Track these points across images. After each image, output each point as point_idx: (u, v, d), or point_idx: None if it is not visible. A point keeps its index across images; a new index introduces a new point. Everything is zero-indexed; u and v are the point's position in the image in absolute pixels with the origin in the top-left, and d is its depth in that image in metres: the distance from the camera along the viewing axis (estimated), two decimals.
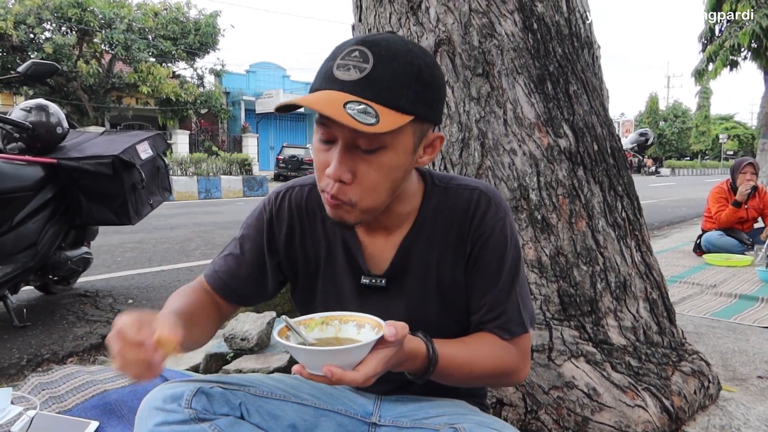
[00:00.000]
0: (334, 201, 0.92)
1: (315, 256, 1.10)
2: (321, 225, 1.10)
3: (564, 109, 1.77)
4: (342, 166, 0.88)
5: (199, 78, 24.12)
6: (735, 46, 9.90)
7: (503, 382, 1.10)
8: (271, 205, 1.12)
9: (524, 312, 1.05)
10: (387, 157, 0.90)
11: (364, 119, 0.82)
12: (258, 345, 2.14)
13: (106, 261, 4.92)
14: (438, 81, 0.93)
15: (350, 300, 1.08)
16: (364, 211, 0.94)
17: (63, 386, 1.73)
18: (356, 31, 2.04)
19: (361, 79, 0.85)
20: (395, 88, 0.86)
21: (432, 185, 1.07)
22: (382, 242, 1.06)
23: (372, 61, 0.86)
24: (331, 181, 0.90)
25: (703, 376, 1.77)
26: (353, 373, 0.79)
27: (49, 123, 3.07)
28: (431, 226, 1.05)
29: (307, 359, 0.80)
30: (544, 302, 1.69)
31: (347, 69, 0.86)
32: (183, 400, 0.96)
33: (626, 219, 1.84)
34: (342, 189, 0.90)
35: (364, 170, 0.90)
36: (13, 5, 18.73)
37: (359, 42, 0.88)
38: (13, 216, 2.79)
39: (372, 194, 0.92)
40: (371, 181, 0.91)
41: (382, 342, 0.81)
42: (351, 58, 0.86)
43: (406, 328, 0.84)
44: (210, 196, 14.16)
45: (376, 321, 0.88)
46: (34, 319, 3.17)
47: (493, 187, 1.10)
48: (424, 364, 0.91)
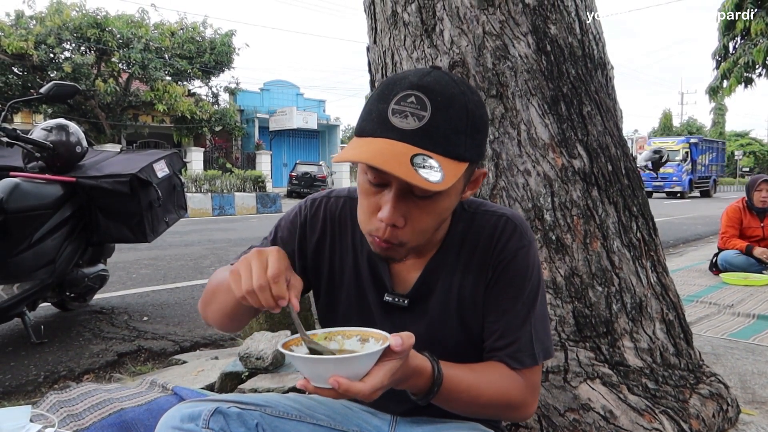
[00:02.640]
0: (386, 245, 0.94)
1: (341, 267, 1.12)
2: (350, 238, 1.11)
3: (578, 129, 1.78)
4: (396, 212, 0.89)
5: (214, 96, 24.45)
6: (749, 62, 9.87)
7: (509, 416, 1.07)
8: (307, 210, 1.14)
9: (537, 344, 1.03)
10: (440, 202, 0.92)
11: (430, 175, 0.83)
12: (273, 364, 2.15)
13: (121, 278, 4.97)
14: (485, 120, 0.94)
15: (372, 315, 1.09)
16: (412, 249, 0.98)
17: (81, 404, 1.75)
18: (371, 52, 2.07)
19: (420, 129, 0.84)
20: (453, 136, 0.87)
21: (461, 210, 1.08)
22: (410, 263, 1.08)
23: (430, 109, 0.85)
24: (382, 225, 0.91)
25: (721, 399, 1.75)
26: (360, 384, 0.78)
27: (69, 142, 3.13)
28: (457, 249, 1.06)
29: (311, 370, 0.79)
30: (559, 323, 1.68)
31: (404, 116, 0.85)
32: (201, 420, 0.97)
33: (641, 239, 1.84)
34: (394, 233, 0.92)
35: (416, 215, 0.91)
36: (35, 26, 19.17)
37: (414, 87, 0.86)
38: (32, 233, 2.84)
39: (422, 235, 0.95)
40: (424, 225, 0.93)
41: (388, 353, 0.81)
42: (407, 104, 0.85)
43: (412, 338, 0.83)
44: (224, 213, 14.26)
45: (381, 334, 0.87)
46: (51, 335, 3.21)
47: (521, 217, 1.11)
48: (428, 383, 0.90)
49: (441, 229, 1.05)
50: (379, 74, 2.00)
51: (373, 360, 0.80)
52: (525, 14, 1.78)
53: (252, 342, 2.22)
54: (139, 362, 2.91)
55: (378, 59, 1.99)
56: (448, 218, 1.07)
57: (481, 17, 1.77)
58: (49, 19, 18.99)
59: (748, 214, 5.01)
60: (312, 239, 1.13)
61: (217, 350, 3.04)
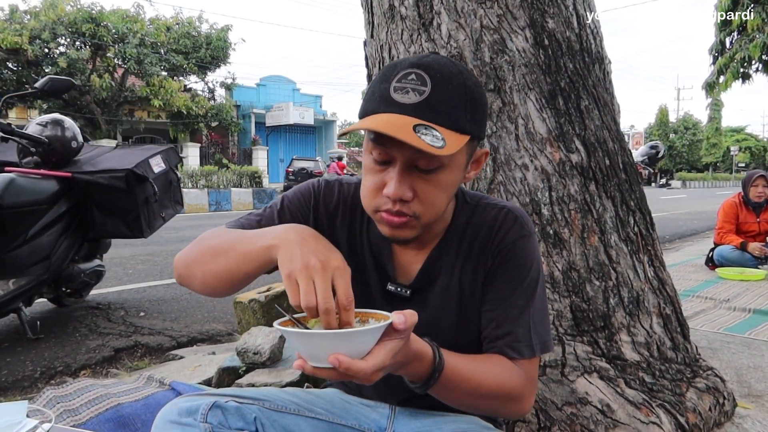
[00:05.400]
0: (399, 218, 0.93)
1: (350, 253, 1.11)
2: (359, 225, 1.12)
3: (575, 124, 1.78)
4: (402, 185, 0.90)
5: (210, 91, 24.34)
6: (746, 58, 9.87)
7: (507, 409, 1.04)
8: (321, 187, 1.14)
9: (534, 335, 1.02)
10: (444, 175, 0.93)
11: (433, 142, 0.85)
12: (270, 359, 2.15)
13: (117, 273, 4.95)
14: (484, 100, 0.96)
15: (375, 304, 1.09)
16: (424, 226, 0.97)
17: (77, 399, 1.74)
18: (368, 47, 2.06)
19: (422, 102, 0.87)
20: (453, 110, 0.89)
21: (463, 202, 1.09)
22: (412, 254, 1.09)
23: (430, 85, 0.88)
24: (388, 200, 0.92)
25: (718, 393, 1.76)
26: (362, 363, 0.75)
27: (64, 137, 3.12)
28: (458, 241, 1.07)
29: (310, 346, 0.75)
30: (557, 317, 1.68)
31: (405, 92, 0.88)
32: (198, 414, 0.97)
33: (639, 234, 1.84)
34: (405, 204, 0.92)
35: (422, 188, 0.92)
36: (29, 21, 19.04)
37: (413, 65, 0.90)
38: (28, 229, 2.83)
39: (432, 209, 0.95)
40: (431, 198, 0.94)
41: (389, 333, 0.79)
42: (408, 81, 0.88)
43: (415, 316, 0.81)
44: (220, 209, 14.23)
45: (381, 314, 0.84)
46: (47, 331, 3.20)
47: (522, 209, 1.10)
48: (428, 369, 0.89)
49: (443, 220, 1.06)
50: (377, 69, 1.99)
51: (376, 336, 0.77)
52: (522, 8, 1.77)
53: (249, 337, 2.21)
54: (136, 358, 2.90)
55: (375, 53, 1.99)
56: (452, 206, 1.07)
57: (479, 11, 1.76)
58: (44, 14, 18.86)
59: (744, 210, 5.03)
60: (324, 214, 1.12)
61: (214, 345, 3.04)
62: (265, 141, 27.37)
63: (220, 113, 23.19)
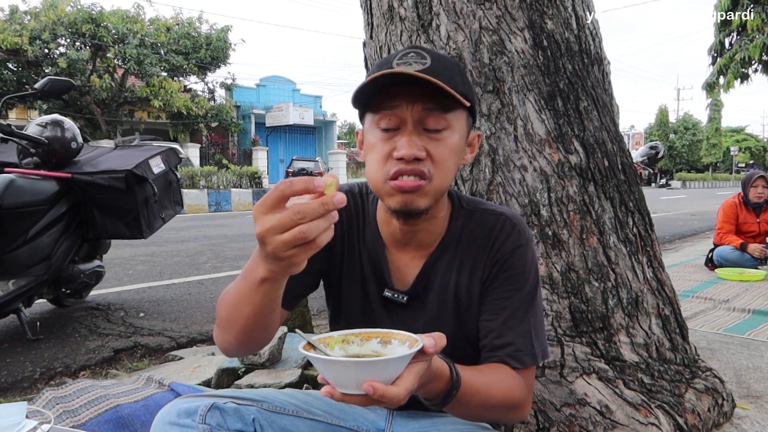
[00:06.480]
0: (413, 181, 0.94)
1: (349, 260, 1.13)
2: (356, 232, 1.13)
3: (574, 125, 1.78)
4: (414, 144, 0.93)
5: (210, 92, 24.33)
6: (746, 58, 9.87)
7: (509, 417, 1.05)
8: None
9: (536, 343, 1.03)
10: (451, 137, 0.97)
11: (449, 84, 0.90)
12: (270, 360, 2.15)
13: (117, 274, 4.95)
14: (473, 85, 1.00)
15: (373, 311, 1.10)
16: (436, 192, 0.98)
17: (77, 400, 1.75)
18: (367, 48, 2.06)
19: (425, 69, 0.93)
20: (453, 77, 0.95)
21: (459, 207, 1.09)
22: (408, 259, 1.09)
23: (429, 58, 0.95)
24: (399, 163, 0.93)
25: (717, 394, 1.76)
26: (395, 389, 0.72)
27: (64, 138, 3.12)
28: (455, 247, 1.07)
29: (340, 374, 0.72)
30: (556, 318, 1.68)
31: (409, 64, 0.94)
32: (197, 416, 0.97)
33: (637, 235, 1.84)
34: (421, 163, 0.94)
35: (433, 147, 0.95)
36: (29, 21, 19.04)
37: (412, 48, 0.98)
38: (27, 230, 2.83)
39: (443, 171, 0.97)
40: (442, 158, 0.96)
41: (417, 355, 0.76)
42: (409, 58, 0.95)
43: (444, 339, 0.79)
44: (220, 209, 14.24)
45: (405, 335, 0.82)
46: (47, 332, 3.20)
47: (520, 216, 1.11)
48: (446, 387, 0.87)
49: (440, 225, 1.06)
50: None
51: (406, 362, 0.75)
52: (522, 9, 1.77)
53: None
54: (136, 358, 2.90)
55: (374, 54, 1.99)
56: (448, 211, 1.07)
57: (478, 12, 1.76)
58: (44, 15, 18.85)
59: (744, 210, 5.03)
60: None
61: (213, 346, 3.04)
62: (265, 141, 27.36)
63: (220, 114, 23.19)
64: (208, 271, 5.23)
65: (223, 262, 5.74)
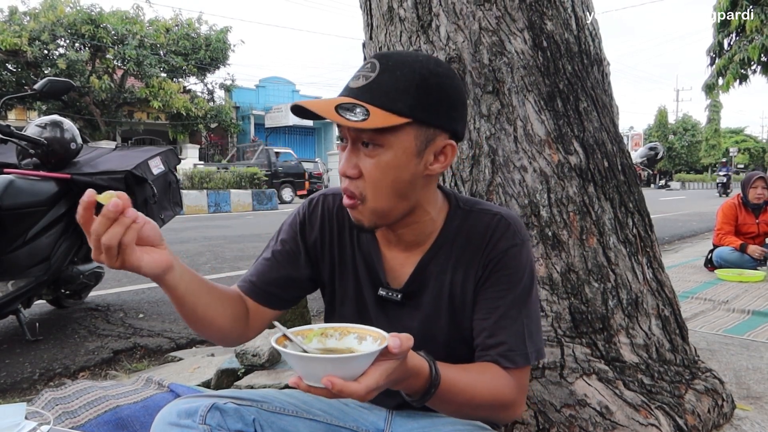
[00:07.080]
0: (348, 199, 0.98)
1: (341, 262, 1.14)
2: (348, 233, 1.14)
3: (574, 126, 1.78)
4: (348, 162, 0.97)
5: (209, 93, 24.37)
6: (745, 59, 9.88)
7: (499, 416, 1.06)
8: (305, 209, 1.18)
9: (530, 343, 1.02)
10: (386, 155, 0.95)
11: (348, 116, 0.91)
12: (269, 361, 2.15)
13: (116, 275, 4.95)
14: (445, 90, 0.97)
15: (368, 309, 1.11)
16: (373, 212, 0.99)
17: (76, 401, 1.74)
18: (367, 48, 2.06)
19: (365, 86, 0.94)
20: (393, 93, 0.93)
21: (456, 207, 1.09)
22: (403, 258, 1.09)
23: (378, 71, 0.95)
24: (345, 180, 0.98)
25: (716, 395, 1.76)
26: (355, 385, 0.76)
27: (63, 139, 3.11)
28: (450, 246, 1.07)
29: (305, 368, 0.77)
30: (556, 319, 1.68)
31: (358, 78, 0.96)
32: (197, 416, 0.97)
33: (637, 235, 1.84)
34: (352, 183, 0.97)
35: (365, 165, 0.96)
36: (28, 22, 19.05)
37: (375, 56, 0.98)
38: (27, 231, 2.83)
39: (376, 192, 0.97)
40: (373, 178, 0.96)
41: (385, 354, 0.78)
42: (363, 69, 0.97)
43: (411, 340, 0.81)
44: (219, 210, 14.22)
45: (378, 333, 0.85)
46: (46, 333, 3.20)
47: (517, 216, 1.11)
48: (425, 385, 0.88)
49: (428, 220, 1.06)
50: None
51: (370, 361, 0.78)
52: (521, 10, 1.77)
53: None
54: (135, 359, 2.90)
55: None
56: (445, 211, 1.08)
57: (477, 13, 1.77)
58: (43, 15, 18.87)
59: (744, 211, 5.03)
60: (312, 236, 1.15)
61: (213, 347, 3.04)
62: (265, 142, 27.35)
63: (220, 114, 23.22)
64: (208, 272, 5.23)
65: (223, 263, 5.74)
